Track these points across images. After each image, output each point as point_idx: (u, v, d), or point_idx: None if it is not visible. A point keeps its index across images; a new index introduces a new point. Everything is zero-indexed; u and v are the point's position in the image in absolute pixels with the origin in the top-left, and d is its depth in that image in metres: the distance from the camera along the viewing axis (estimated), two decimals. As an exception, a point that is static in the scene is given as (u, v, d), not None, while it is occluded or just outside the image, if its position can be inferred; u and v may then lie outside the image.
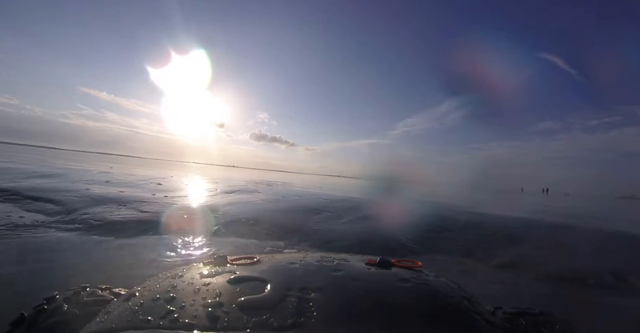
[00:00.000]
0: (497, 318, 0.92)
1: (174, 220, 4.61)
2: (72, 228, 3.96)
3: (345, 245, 3.96)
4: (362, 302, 0.70)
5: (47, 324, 0.90)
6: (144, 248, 3.39)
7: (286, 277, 0.79)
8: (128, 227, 4.17)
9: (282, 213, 5.57)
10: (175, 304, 0.67)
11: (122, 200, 5.75)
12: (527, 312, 0.99)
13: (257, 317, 0.61)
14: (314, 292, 0.71)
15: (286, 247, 3.88)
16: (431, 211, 6.81)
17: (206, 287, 0.74)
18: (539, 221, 5.98)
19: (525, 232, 4.73)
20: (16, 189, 5.97)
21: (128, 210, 5.07)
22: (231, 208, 5.74)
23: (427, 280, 0.87)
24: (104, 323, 0.67)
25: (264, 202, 7.06)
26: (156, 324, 0.60)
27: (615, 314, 2.55)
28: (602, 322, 2.34)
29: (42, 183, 6.88)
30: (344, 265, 0.91)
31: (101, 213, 4.78)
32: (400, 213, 6.69)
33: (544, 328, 0.94)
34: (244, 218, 4.94)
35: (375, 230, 4.61)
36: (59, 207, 4.96)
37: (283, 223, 4.83)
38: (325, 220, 5.23)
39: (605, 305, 2.74)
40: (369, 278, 0.83)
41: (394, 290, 0.78)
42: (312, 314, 0.63)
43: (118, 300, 0.81)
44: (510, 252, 3.98)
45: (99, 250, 3.24)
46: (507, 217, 6.26)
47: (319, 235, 4.39)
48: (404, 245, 4.13)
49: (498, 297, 2.73)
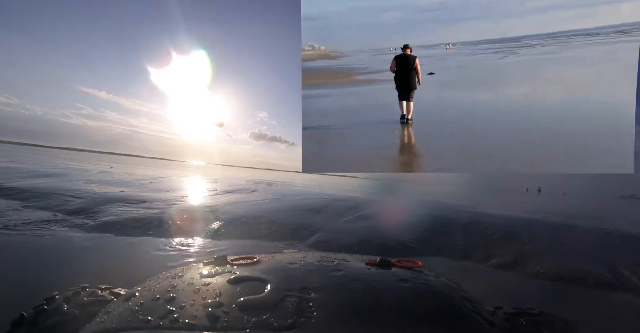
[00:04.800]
0: (497, 318, 0.92)
1: (174, 219, 4.61)
2: (72, 228, 3.96)
3: (345, 244, 3.97)
4: (362, 302, 0.70)
5: (47, 324, 0.91)
6: (144, 248, 3.39)
7: (286, 277, 0.79)
8: (128, 226, 4.17)
9: (282, 213, 5.57)
10: (175, 304, 0.67)
11: (122, 199, 5.75)
12: (527, 312, 0.99)
13: (257, 317, 0.61)
14: (314, 292, 0.71)
15: (286, 247, 3.88)
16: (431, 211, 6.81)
17: (206, 287, 0.74)
18: (540, 221, 5.99)
19: (525, 231, 4.73)
20: (16, 189, 5.98)
21: (128, 209, 5.07)
22: (231, 208, 5.74)
23: (427, 280, 0.87)
24: (104, 323, 0.67)
25: (264, 202, 7.06)
26: (156, 324, 0.60)
27: (615, 314, 2.55)
28: (602, 322, 2.34)
29: (42, 183, 6.89)
30: (343, 265, 0.91)
31: (101, 213, 4.79)
32: (400, 212, 6.69)
33: (544, 328, 0.94)
34: (244, 218, 4.94)
35: (375, 229, 4.61)
36: (59, 207, 4.97)
37: (283, 223, 4.83)
38: (325, 220, 5.23)
39: (605, 304, 2.74)
40: (369, 278, 0.83)
41: (393, 290, 0.78)
42: (312, 314, 0.63)
43: (118, 300, 0.81)
44: (511, 251, 3.98)
45: (99, 249, 3.24)
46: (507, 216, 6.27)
47: (319, 234, 4.40)
48: (404, 244, 4.13)
49: (498, 297, 2.73)
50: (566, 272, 3.34)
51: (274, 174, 45.40)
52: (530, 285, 3.13)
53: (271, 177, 28.18)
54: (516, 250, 4.03)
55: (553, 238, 4.52)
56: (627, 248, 4.19)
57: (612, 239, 4.59)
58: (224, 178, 17.87)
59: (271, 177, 28.18)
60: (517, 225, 5.16)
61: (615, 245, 4.35)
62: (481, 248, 4.16)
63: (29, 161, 14.17)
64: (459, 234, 4.74)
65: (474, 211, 6.86)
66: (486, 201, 13.32)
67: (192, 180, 13.72)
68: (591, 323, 2.26)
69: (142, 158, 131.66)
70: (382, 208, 6.89)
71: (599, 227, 5.52)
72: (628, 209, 15.28)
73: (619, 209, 14.66)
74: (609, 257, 3.80)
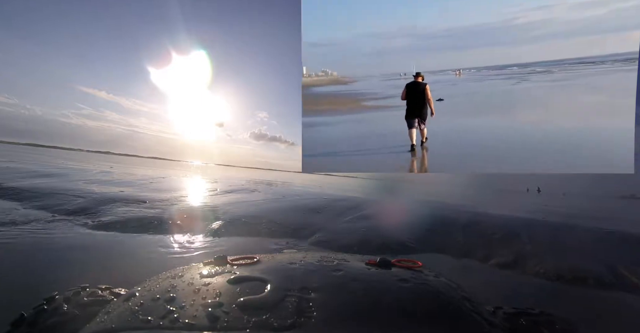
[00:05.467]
0: (497, 318, 0.92)
1: (174, 219, 4.61)
2: (73, 228, 3.96)
3: (345, 244, 3.97)
4: (362, 302, 0.70)
5: (47, 324, 0.91)
6: (144, 247, 3.39)
7: (286, 277, 0.79)
8: (128, 226, 4.17)
9: (282, 212, 5.57)
10: (175, 304, 0.67)
11: (122, 199, 5.75)
12: (527, 312, 0.99)
13: (257, 317, 0.61)
14: (314, 292, 0.71)
15: (286, 246, 3.88)
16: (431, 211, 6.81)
17: (206, 287, 0.74)
18: (540, 221, 5.98)
19: (525, 231, 4.73)
20: (16, 189, 5.98)
21: (128, 209, 5.07)
22: (231, 208, 5.74)
23: (427, 280, 0.87)
24: (104, 323, 0.67)
25: (264, 202, 7.06)
26: (156, 324, 0.60)
27: (615, 314, 2.55)
28: (602, 322, 2.34)
29: (42, 183, 6.89)
30: (343, 265, 0.91)
31: (101, 212, 4.79)
32: (400, 212, 6.69)
33: (544, 328, 0.94)
34: (244, 218, 4.93)
35: (375, 229, 4.61)
36: (59, 207, 4.97)
37: (283, 223, 4.83)
38: (325, 220, 5.23)
39: (605, 304, 2.74)
40: (369, 278, 0.83)
41: (393, 290, 0.78)
42: (312, 314, 0.63)
43: (118, 300, 0.81)
44: (511, 251, 3.98)
45: (99, 249, 3.24)
46: (507, 216, 6.27)
47: (319, 234, 4.40)
48: (404, 244, 4.13)
49: (498, 297, 2.73)
50: (566, 272, 3.34)
51: (274, 174, 45.40)
52: (530, 285, 3.13)
53: (271, 177, 28.18)
54: (516, 250, 4.03)
55: (553, 238, 4.51)
56: (627, 248, 4.19)
57: (612, 239, 4.58)
58: (224, 178, 17.87)
59: (271, 177, 28.18)
60: (517, 225, 5.16)
61: (615, 245, 4.35)
62: (481, 248, 4.16)
63: (29, 161, 14.17)
64: (459, 234, 4.74)
65: (474, 211, 6.86)
66: (486, 201, 13.32)
67: (192, 180, 13.71)
68: (591, 323, 2.26)
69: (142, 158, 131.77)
70: (382, 208, 6.89)
71: (599, 227, 5.52)
72: (628, 209, 15.28)
73: (619, 209, 14.66)
74: (609, 257, 3.80)
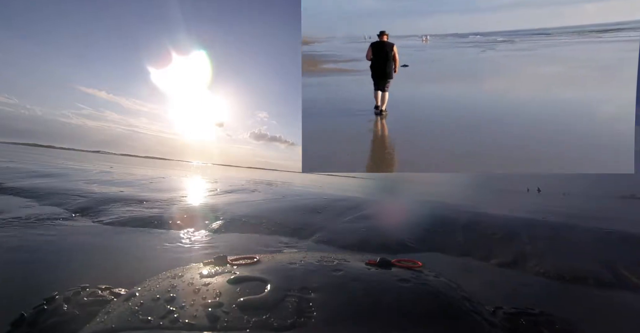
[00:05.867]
0: (497, 318, 0.92)
1: (174, 219, 4.61)
2: (73, 228, 3.96)
3: (345, 244, 3.97)
4: (362, 302, 0.70)
5: (47, 324, 0.91)
6: (144, 247, 3.39)
7: (286, 277, 0.79)
8: (128, 226, 4.18)
9: (282, 212, 5.57)
10: (175, 304, 0.67)
11: (122, 199, 5.75)
12: (527, 312, 0.99)
13: (257, 317, 0.61)
14: (314, 292, 0.71)
15: (286, 246, 3.88)
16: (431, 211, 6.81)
17: (206, 287, 0.74)
18: (540, 221, 5.99)
19: (525, 231, 4.73)
20: (16, 189, 5.98)
21: (128, 209, 5.07)
22: (231, 208, 5.74)
23: (427, 280, 0.87)
24: (104, 323, 0.67)
25: (264, 202, 7.06)
26: (156, 324, 0.60)
27: (615, 314, 2.55)
28: (602, 322, 2.34)
29: (42, 183, 6.89)
30: (343, 265, 0.91)
31: (101, 212, 4.79)
32: (400, 212, 6.69)
33: (544, 328, 0.94)
34: (244, 218, 4.94)
35: (375, 229, 4.61)
36: (59, 207, 4.97)
37: (283, 223, 4.83)
38: (325, 220, 5.23)
39: (605, 304, 2.74)
40: (369, 278, 0.83)
41: (393, 290, 0.78)
42: (312, 314, 0.63)
43: (118, 300, 0.81)
44: (511, 251, 3.98)
45: (99, 249, 3.23)
46: (507, 216, 6.27)
47: (319, 234, 4.40)
48: (404, 244, 4.13)
49: (498, 297, 2.73)
50: (566, 271, 3.34)
51: (274, 174, 45.40)
52: (530, 285, 3.13)
53: (271, 177, 28.18)
54: (516, 250, 4.03)
55: (553, 238, 4.51)
56: (627, 248, 4.19)
57: (612, 239, 4.58)
58: (224, 178, 17.87)
59: (271, 177, 28.18)
60: (517, 225, 5.16)
61: (615, 245, 4.34)
62: (481, 248, 4.16)
63: (29, 161, 14.17)
64: (459, 234, 4.74)
65: (474, 211, 6.86)
66: (486, 201, 13.32)
67: (192, 180, 13.72)
68: (591, 323, 2.26)
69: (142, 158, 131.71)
70: (382, 208, 6.89)
71: (599, 227, 5.52)
72: (628, 209, 15.27)
73: (619, 209, 14.66)
74: (609, 257, 3.80)
